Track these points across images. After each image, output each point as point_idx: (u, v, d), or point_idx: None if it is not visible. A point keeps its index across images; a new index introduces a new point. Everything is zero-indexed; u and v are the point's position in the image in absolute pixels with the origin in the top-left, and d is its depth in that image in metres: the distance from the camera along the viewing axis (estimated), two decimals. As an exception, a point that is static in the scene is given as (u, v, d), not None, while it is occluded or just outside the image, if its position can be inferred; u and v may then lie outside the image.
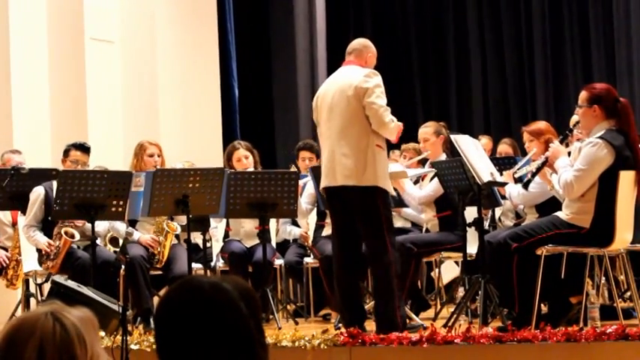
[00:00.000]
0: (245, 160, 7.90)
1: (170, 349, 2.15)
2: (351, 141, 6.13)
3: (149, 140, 7.73)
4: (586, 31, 12.31)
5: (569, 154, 6.22)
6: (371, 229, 6.17)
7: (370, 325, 6.24)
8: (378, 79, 6.18)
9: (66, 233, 7.01)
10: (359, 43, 6.53)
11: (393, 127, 6.13)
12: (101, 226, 7.38)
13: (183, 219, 6.93)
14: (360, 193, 6.14)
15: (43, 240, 7.08)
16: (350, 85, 6.18)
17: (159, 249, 7.28)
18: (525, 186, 6.42)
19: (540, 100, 12.37)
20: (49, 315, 2.06)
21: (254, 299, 2.20)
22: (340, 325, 6.45)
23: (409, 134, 8.15)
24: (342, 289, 6.28)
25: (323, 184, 6.31)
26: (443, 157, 7.55)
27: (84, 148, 7.41)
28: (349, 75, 6.28)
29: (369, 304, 6.87)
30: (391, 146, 7.52)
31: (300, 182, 7.71)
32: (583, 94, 6.06)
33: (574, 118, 6.23)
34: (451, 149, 7.76)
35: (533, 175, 6.32)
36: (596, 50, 12.22)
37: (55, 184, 7.14)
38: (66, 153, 7.41)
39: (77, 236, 7.05)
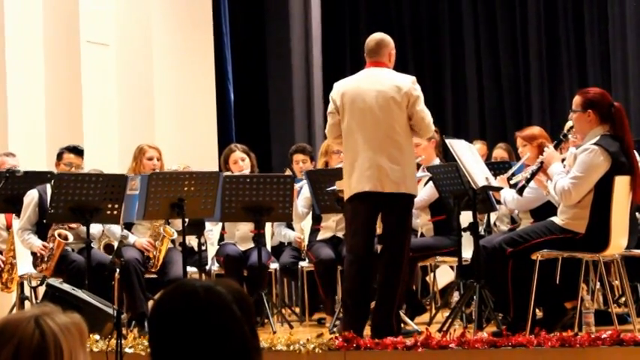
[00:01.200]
0: (241, 162, 7.90)
1: (164, 352, 2.15)
2: (399, 148, 6.09)
3: (149, 144, 7.72)
4: (581, 35, 12.32)
5: (563, 160, 6.23)
6: (402, 234, 6.18)
7: (364, 330, 6.23)
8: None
9: (59, 235, 7.00)
10: (380, 39, 6.38)
11: None
12: (95, 228, 7.37)
13: (179, 225, 6.92)
14: (403, 200, 6.15)
15: (37, 243, 7.08)
16: (398, 90, 6.12)
17: (154, 253, 7.28)
18: (520, 192, 6.42)
19: (535, 105, 12.37)
20: (32, 320, 2.05)
21: (248, 303, 2.20)
22: (335, 329, 6.44)
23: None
24: (357, 291, 6.18)
25: (363, 188, 6.10)
26: (436, 161, 7.56)
27: (77, 151, 7.40)
28: (391, 78, 6.22)
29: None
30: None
31: (297, 186, 7.71)
32: (577, 99, 6.06)
33: (569, 124, 6.23)
34: (444, 153, 7.77)
35: (528, 180, 6.32)
36: (592, 54, 12.22)
37: (48, 187, 7.14)
38: (59, 156, 7.41)
39: (71, 238, 7.04)
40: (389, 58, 6.36)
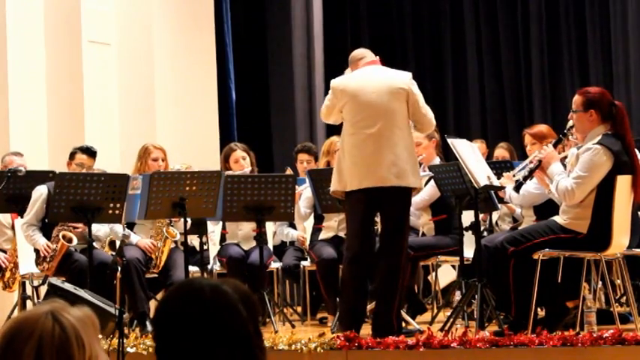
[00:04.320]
0: (242, 161, 7.91)
1: (169, 350, 2.15)
2: (403, 143, 6.13)
3: (154, 144, 7.70)
4: (583, 34, 12.31)
5: (565, 158, 6.23)
6: (400, 228, 6.20)
7: (365, 329, 6.23)
8: None
9: (64, 237, 7.00)
10: (364, 49, 6.59)
11: None
12: (102, 230, 7.38)
13: (182, 227, 6.92)
14: (405, 194, 6.18)
15: (41, 241, 7.07)
16: (401, 86, 6.19)
17: (156, 254, 7.27)
18: (517, 189, 6.44)
19: (537, 104, 12.37)
20: (49, 315, 2.06)
21: (253, 302, 2.21)
22: (336, 328, 6.45)
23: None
24: (351, 289, 6.20)
25: (362, 184, 6.12)
26: (437, 160, 7.57)
27: (90, 152, 7.40)
28: (392, 76, 6.29)
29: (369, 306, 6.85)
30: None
31: (299, 189, 7.70)
32: (577, 99, 6.06)
33: (570, 123, 6.23)
34: (446, 152, 7.77)
35: (525, 178, 6.34)
36: (593, 54, 12.22)
37: (56, 185, 7.15)
38: (72, 156, 7.41)
39: (75, 241, 7.04)
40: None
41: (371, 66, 6.37)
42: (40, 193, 7.17)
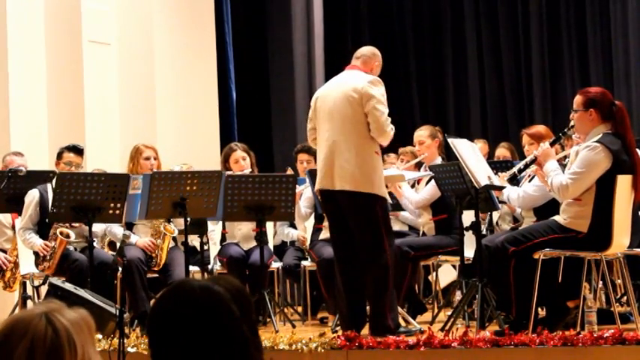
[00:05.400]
0: (242, 161, 7.90)
1: (163, 353, 2.15)
2: (351, 146, 6.15)
3: (145, 143, 7.72)
4: (583, 34, 12.32)
5: (564, 159, 6.23)
6: (368, 234, 6.20)
7: (366, 329, 6.24)
8: (382, 87, 6.25)
9: (61, 233, 7.00)
10: (368, 50, 6.55)
11: (390, 136, 6.23)
12: (98, 225, 7.37)
13: (181, 222, 6.93)
14: (357, 199, 6.16)
15: (38, 242, 7.08)
16: (354, 89, 6.20)
17: (156, 252, 7.28)
18: (510, 181, 6.46)
19: (538, 104, 12.38)
20: (43, 317, 2.06)
21: (247, 300, 2.20)
22: (337, 328, 6.45)
23: (407, 138, 8.17)
24: (344, 289, 6.26)
25: (318, 186, 6.34)
26: (439, 160, 7.56)
27: (77, 150, 7.40)
28: (352, 79, 6.30)
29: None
30: (387, 149, 7.53)
31: (300, 188, 7.71)
32: (578, 99, 6.06)
33: (571, 124, 6.23)
34: (447, 153, 7.77)
35: (520, 171, 6.36)
36: (594, 54, 12.23)
37: (49, 186, 7.15)
38: (59, 156, 7.41)
39: (72, 236, 7.04)
40: (371, 67, 6.43)
41: (344, 71, 6.48)
42: (33, 196, 7.18)
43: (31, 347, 2.02)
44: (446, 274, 8.37)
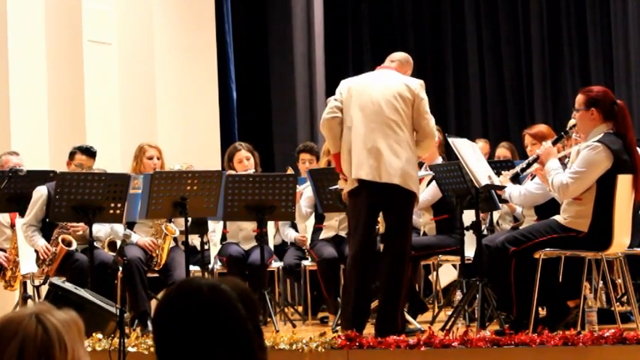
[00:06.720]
0: (246, 161, 7.91)
1: (169, 350, 2.15)
2: (402, 143, 6.11)
3: (149, 143, 7.72)
4: (584, 34, 12.32)
5: (564, 158, 6.23)
6: (403, 231, 6.18)
7: (367, 329, 6.23)
8: None
9: (63, 241, 7.00)
10: (403, 56, 6.55)
11: (432, 146, 6.48)
12: (102, 231, 7.38)
13: (182, 223, 6.93)
14: (402, 195, 6.12)
15: (41, 243, 7.07)
16: (407, 88, 6.17)
17: (157, 252, 7.28)
18: (513, 180, 6.46)
19: (538, 103, 12.38)
20: (33, 317, 2.07)
21: (253, 301, 2.21)
22: (338, 328, 6.44)
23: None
24: (357, 288, 6.16)
25: (359, 175, 6.10)
26: (439, 160, 7.56)
27: (90, 152, 7.40)
28: (400, 78, 6.27)
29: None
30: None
31: (300, 188, 7.71)
32: (580, 98, 6.06)
33: (571, 122, 6.23)
34: (447, 152, 7.77)
35: (523, 170, 6.36)
36: (594, 54, 12.22)
37: (57, 185, 7.15)
38: (71, 156, 7.41)
39: (74, 245, 7.04)
40: (404, 72, 6.44)
41: (381, 70, 6.44)
42: (41, 194, 7.17)
43: (22, 347, 2.03)
44: (446, 273, 8.37)
